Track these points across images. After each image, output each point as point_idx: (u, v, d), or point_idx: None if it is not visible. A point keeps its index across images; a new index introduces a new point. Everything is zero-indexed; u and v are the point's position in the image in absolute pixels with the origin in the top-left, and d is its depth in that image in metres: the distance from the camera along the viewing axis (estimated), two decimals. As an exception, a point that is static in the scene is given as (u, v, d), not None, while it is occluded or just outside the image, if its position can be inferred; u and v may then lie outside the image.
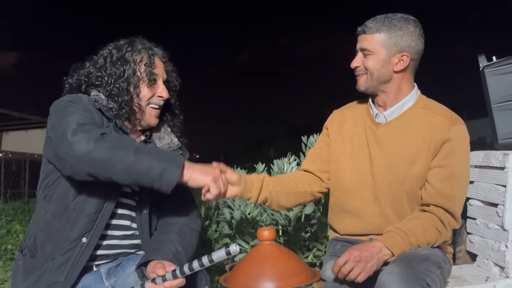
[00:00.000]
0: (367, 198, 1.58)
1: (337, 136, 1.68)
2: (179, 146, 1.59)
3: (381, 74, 1.52)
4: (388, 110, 1.57)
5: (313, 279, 1.58)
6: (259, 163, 2.74)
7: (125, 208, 1.47)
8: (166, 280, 1.21)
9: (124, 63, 1.46)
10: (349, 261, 1.33)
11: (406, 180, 1.51)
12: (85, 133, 1.25)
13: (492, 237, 1.89)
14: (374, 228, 1.57)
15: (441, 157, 1.48)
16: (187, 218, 1.54)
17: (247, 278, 1.59)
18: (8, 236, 3.91)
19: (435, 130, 1.49)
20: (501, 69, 1.92)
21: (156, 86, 1.50)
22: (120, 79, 1.44)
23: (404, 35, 1.49)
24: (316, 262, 2.22)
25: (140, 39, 1.52)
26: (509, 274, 1.79)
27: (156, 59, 1.51)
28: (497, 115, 1.92)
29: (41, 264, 1.33)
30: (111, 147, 1.22)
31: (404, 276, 1.26)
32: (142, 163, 1.21)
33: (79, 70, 1.51)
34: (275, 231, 1.75)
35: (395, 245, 1.38)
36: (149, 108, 1.49)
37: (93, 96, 1.44)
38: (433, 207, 1.48)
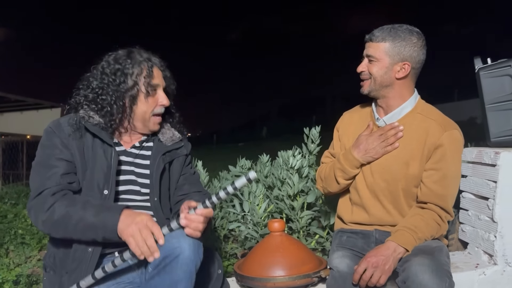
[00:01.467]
0: (367, 194, 1.73)
1: (344, 136, 1.82)
2: (181, 139, 1.70)
3: (384, 80, 1.64)
4: (388, 114, 1.70)
5: (320, 267, 1.74)
6: (263, 154, 2.86)
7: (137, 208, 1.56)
8: (205, 207, 1.33)
9: (123, 75, 1.51)
10: (368, 268, 1.48)
11: (402, 179, 1.65)
12: (36, 208, 1.38)
13: (482, 228, 2.05)
14: (376, 220, 1.72)
15: (434, 161, 1.62)
16: (197, 189, 1.69)
17: (260, 266, 1.74)
18: (16, 221, 3.96)
19: (429, 135, 1.62)
20: (495, 71, 2.05)
21: (157, 95, 1.56)
22: (115, 92, 1.51)
23: (407, 46, 1.61)
24: (318, 248, 2.36)
25: (138, 50, 1.58)
26: (497, 261, 1.96)
27: (155, 70, 1.56)
28: (490, 115, 2.06)
29: (59, 278, 1.46)
30: (54, 224, 1.36)
31: (434, 268, 1.42)
32: (86, 227, 1.34)
33: (80, 87, 1.58)
34: (284, 222, 1.90)
35: (407, 242, 1.54)
36: (153, 117, 1.57)
37: (81, 113, 1.51)
38: (429, 204, 1.63)
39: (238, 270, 1.80)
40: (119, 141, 1.58)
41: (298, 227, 2.37)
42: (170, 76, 1.66)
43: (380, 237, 1.70)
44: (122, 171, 1.55)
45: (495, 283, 1.94)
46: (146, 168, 1.59)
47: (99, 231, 1.34)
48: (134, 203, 1.56)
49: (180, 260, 1.31)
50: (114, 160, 1.50)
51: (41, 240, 3.24)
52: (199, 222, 1.34)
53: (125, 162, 1.57)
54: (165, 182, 1.63)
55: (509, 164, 1.91)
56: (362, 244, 1.73)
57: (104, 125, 1.52)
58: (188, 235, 1.33)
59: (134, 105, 1.53)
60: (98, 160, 1.49)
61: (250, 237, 2.32)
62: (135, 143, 1.61)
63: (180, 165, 1.70)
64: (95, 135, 1.50)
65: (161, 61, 1.61)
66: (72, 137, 1.48)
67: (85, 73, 1.59)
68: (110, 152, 1.50)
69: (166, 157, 1.63)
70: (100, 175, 1.48)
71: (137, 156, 1.60)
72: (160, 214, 1.58)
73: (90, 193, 1.47)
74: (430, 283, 1.39)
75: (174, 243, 1.33)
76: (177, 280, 1.30)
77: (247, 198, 2.40)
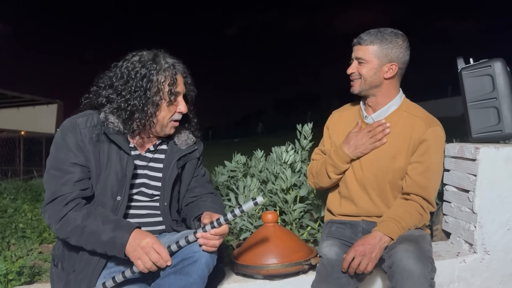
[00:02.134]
0: (357, 187, 1.84)
1: (334, 134, 1.94)
2: (195, 142, 1.73)
3: (373, 80, 1.76)
4: (375, 112, 1.82)
5: (310, 255, 1.85)
6: (258, 150, 2.96)
7: (146, 217, 1.63)
8: (213, 227, 1.42)
9: (148, 82, 1.50)
10: (356, 256, 1.59)
11: (389, 172, 1.77)
12: (50, 214, 1.45)
13: (463, 219, 2.17)
14: (364, 211, 1.84)
15: (418, 155, 1.74)
16: (208, 189, 1.76)
17: (254, 255, 1.85)
18: (16, 215, 4.02)
19: (414, 131, 1.74)
20: (476, 71, 2.17)
21: (176, 102, 1.57)
22: (141, 98, 1.50)
23: (394, 48, 1.73)
24: (310, 239, 2.47)
25: (163, 54, 1.57)
26: (476, 250, 2.08)
27: (178, 77, 1.56)
28: (472, 112, 2.18)
29: (66, 275, 1.51)
30: (66, 234, 1.43)
31: (418, 254, 1.53)
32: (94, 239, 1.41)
33: (101, 85, 1.58)
34: (277, 214, 2.00)
35: (392, 231, 1.65)
36: (170, 123, 1.59)
37: (102, 117, 1.53)
38: (412, 195, 1.75)
39: (234, 259, 1.90)
40: (135, 145, 1.61)
41: (291, 219, 2.47)
42: (191, 83, 1.67)
43: (367, 227, 1.82)
44: (135, 175, 1.58)
45: (475, 270, 2.06)
46: (159, 171, 1.63)
47: (108, 250, 1.40)
48: (144, 203, 1.61)
49: (198, 264, 1.40)
50: (130, 168, 1.53)
51: (41, 233, 3.31)
52: (214, 241, 1.42)
53: (139, 166, 1.60)
54: (176, 186, 1.68)
55: (487, 159, 2.03)
56: (350, 233, 1.84)
57: (123, 131, 1.53)
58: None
59: (157, 112, 1.53)
60: (113, 167, 1.51)
61: (245, 229, 2.42)
62: (150, 146, 1.63)
63: (193, 168, 1.74)
64: (112, 141, 1.52)
65: (184, 68, 1.63)
66: (89, 141, 1.50)
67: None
68: (126, 160, 1.53)
69: (180, 162, 1.66)
70: (114, 182, 1.51)
71: (151, 160, 1.63)
72: (168, 218, 1.63)
73: (103, 199, 1.51)
74: (414, 267, 1.50)
75: (194, 248, 1.42)
76: (192, 282, 1.38)
77: (242, 192, 2.50)
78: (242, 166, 2.99)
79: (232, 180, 2.98)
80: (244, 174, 2.98)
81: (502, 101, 2.11)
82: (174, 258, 1.43)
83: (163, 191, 1.62)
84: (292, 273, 1.81)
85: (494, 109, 2.13)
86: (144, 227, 1.60)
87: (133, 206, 1.60)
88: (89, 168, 1.51)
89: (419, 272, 1.49)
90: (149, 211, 1.63)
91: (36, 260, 2.79)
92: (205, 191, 1.73)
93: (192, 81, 1.68)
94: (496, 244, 2.08)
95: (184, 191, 1.73)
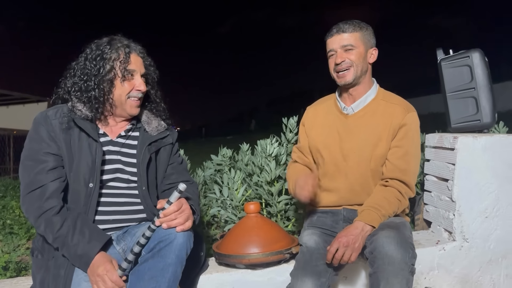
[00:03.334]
0: (340, 177, 1.86)
1: (312, 129, 1.95)
2: (166, 128, 1.77)
3: (363, 66, 1.80)
4: (355, 102, 1.84)
5: (292, 245, 1.88)
6: (243, 143, 2.98)
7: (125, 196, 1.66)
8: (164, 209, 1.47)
9: (102, 60, 1.58)
10: (340, 248, 1.61)
11: (372, 160, 1.80)
12: (29, 205, 1.50)
13: (443, 207, 2.21)
14: (344, 200, 1.87)
15: (398, 139, 1.78)
16: (184, 177, 1.79)
17: (236, 245, 1.87)
18: (4, 212, 4.03)
19: (394, 118, 1.78)
20: (455, 62, 2.21)
21: (134, 80, 1.61)
22: (96, 76, 1.57)
23: (371, 34, 1.81)
24: (295, 230, 2.49)
25: (119, 37, 1.64)
26: (455, 238, 2.12)
27: (132, 55, 1.61)
28: (451, 103, 2.22)
29: (45, 262, 1.55)
30: (45, 227, 1.48)
31: (399, 240, 1.56)
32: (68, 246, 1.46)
33: (67, 75, 1.64)
34: (260, 205, 2.03)
35: (373, 219, 1.68)
36: (129, 101, 1.62)
37: (69, 106, 1.58)
38: (392, 180, 1.77)
39: (216, 249, 1.92)
40: (105, 132, 1.65)
41: (276, 211, 2.50)
42: (151, 64, 1.72)
43: (348, 214, 1.85)
44: (108, 161, 1.61)
45: (454, 257, 2.10)
46: (133, 157, 1.66)
47: (74, 262, 1.47)
48: (121, 190, 1.63)
49: (174, 245, 1.44)
50: (99, 155, 1.57)
51: (29, 229, 3.32)
52: (178, 219, 1.47)
53: (111, 152, 1.63)
54: (152, 171, 1.70)
55: (465, 148, 2.07)
56: (331, 222, 1.87)
57: (90, 116, 1.58)
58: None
59: (112, 89, 1.59)
60: (83, 154, 1.56)
61: (230, 220, 2.45)
62: (121, 132, 1.67)
63: (168, 155, 1.77)
64: (81, 128, 1.57)
65: (142, 49, 1.67)
66: (59, 130, 1.55)
67: (72, 62, 1.64)
68: (95, 147, 1.57)
69: (151, 147, 1.69)
70: (85, 169, 1.55)
71: (124, 145, 1.66)
72: (148, 202, 1.66)
73: (77, 187, 1.55)
74: (395, 253, 1.53)
75: (169, 230, 1.46)
76: (169, 263, 1.42)
77: (227, 184, 2.53)
78: (228, 160, 3.01)
79: (219, 174, 3.00)
80: (230, 168, 3.00)
81: (480, 91, 2.14)
82: (151, 241, 1.47)
83: (139, 176, 1.65)
84: (273, 262, 1.84)
85: (472, 99, 2.17)
86: (124, 215, 1.64)
87: (111, 194, 1.62)
88: (62, 157, 1.55)
89: (400, 257, 1.52)
90: (128, 199, 1.65)
91: (23, 256, 2.80)
92: (181, 179, 1.75)
93: (153, 63, 1.73)
94: (475, 231, 2.11)
95: (161, 177, 1.75)
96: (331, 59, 1.82)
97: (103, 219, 1.61)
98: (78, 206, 1.56)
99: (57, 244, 1.48)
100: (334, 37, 1.80)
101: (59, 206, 1.49)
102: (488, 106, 2.14)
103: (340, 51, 1.79)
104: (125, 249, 1.61)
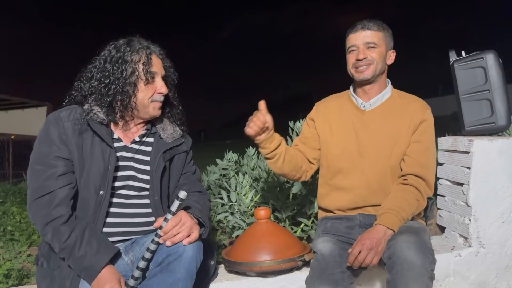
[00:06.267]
0: (356, 174, 1.81)
1: (325, 125, 1.90)
2: (181, 135, 1.71)
3: (383, 65, 1.79)
4: (372, 99, 1.82)
5: (304, 252, 1.83)
6: (250, 147, 2.93)
7: (137, 207, 1.60)
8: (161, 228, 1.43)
9: (123, 63, 1.52)
10: (363, 250, 1.56)
11: (391, 156, 1.76)
12: (35, 212, 1.44)
13: (458, 212, 2.15)
14: (361, 199, 1.81)
15: (418, 134, 1.76)
16: (196, 187, 1.74)
17: (247, 252, 1.81)
18: (5, 218, 3.97)
19: (413, 114, 1.77)
20: (468, 64, 2.16)
21: (155, 83, 1.57)
22: (119, 80, 1.52)
23: (391, 36, 1.80)
24: (304, 236, 2.44)
25: (138, 39, 1.59)
26: (471, 243, 2.06)
27: (153, 57, 1.57)
28: (464, 105, 2.17)
29: (51, 272, 1.49)
30: (51, 236, 1.43)
31: (418, 245, 1.52)
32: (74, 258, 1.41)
33: (83, 78, 1.58)
34: (270, 210, 1.97)
35: (394, 223, 1.62)
36: (152, 103, 1.57)
37: (86, 108, 1.52)
38: (411, 177, 1.73)
39: (226, 257, 1.86)
40: (119, 137, 1.59)
41: (284, 217, 2.44)
42: (171, 66, 1.67)
43: (364, 220, 1.79)
44: (121, 167, 1.55)
45: (470, 263, 2.04)
46: (147, 164, 1.60)
47: (80, 274, 1.41)
48: (131, 200, 1.58)
49: (183, 259, 1.38)
50: (112, 161, 1.51)
51: (30, 236, 3.25)
52: (181, 233, 1.42)
53: (124, 158, 1.57)
54: (165, 180, 1.65)
55: (481, 151, 2.02)
56: (346, 228, 1.81)
57: (106, 121, 1.52)
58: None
59: (136, 92, 1.54)
60: (95, 160, 1.49)
61: (238, 226, 2.39)
62: (136, 137, 1.61)
63: (182, 163, 1.72)
64: (95, 132, 1.51)
65: (161, 50, 1.63)
66: (72, 133, 1.48)
67: (85, 67, 1.59)
68: (108, 153, 1.51)
69: (166, 155, 1.64)
70: (97, 176, 1.49)
71: (137, 151, 1.61)
72: (160, 212, 1.60)
73: (86, 194, 1.49)
74: (414, 258, 1.48)
75: (178, 243, 1.41)
76: (179, 278, 1.36)
77: (234, 189, 2.47)
78: (234, 164, 2.96)
79: (224, 178, 2.95)
80: (236, 172, 2.95)
81: (494, 93, 2.10)
82: (159, 255, 1.42)
83: (152, 185, 1.59)
84: (285, 269, 1.78)
85: (487, 101, 2.12)
86: (132, 227, 1.58)
87: (120, 204, 1.56)
88: (72, 162, 1.49)
89: (419, 263, 1.47)
90: (138, 209, 1.59)
91: (25, 263, 2.74)
92: (193, 189, 1.70)
93: (172, 65, 1.68)
94: (491, 237, 2.06)
95: (173, 187, 1.70)
96: (352, 54, 1.78)
97: (111, 231, 1.55)
98: (87, 215, 1.50)
99: (63, 254, 1.42)
100: (358, 33, 1.77)
101: (68, 215, 1.44)
102: (503, 108, 2.09)
103: (362, 47, 1.76)
104: (133, 260, 1.55)
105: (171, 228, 1.41)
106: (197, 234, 1.45)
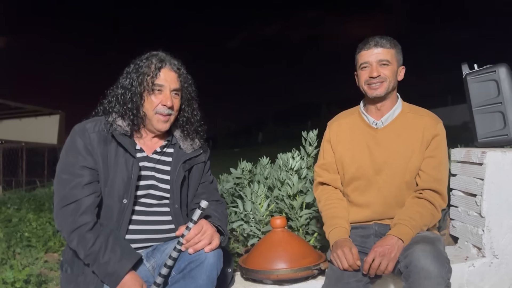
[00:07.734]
0: (372, 191, 1.83)
1: (338, 145, 1.92)
2: (200, 146, 1.76)
3: (394, 82, 1.82)
4: (384, 116, 1.84)
5: (319, 260, 1.86)
6: (263, 157, 2.97)
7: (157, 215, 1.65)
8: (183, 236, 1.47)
9: (136, 73, 1.60)
10: (376, 257, 1.59)
11: (406, 172, 1.78)
12: (62, 219, 1.49)
13: (471, 223, 2.17)
14: (377, 215, 1.84)
15: (431, 149, 1.77)
16: (214, 196, 1.78)
17: (264, 260, 1.85)
18: (21, 224, 4.03)
19: (425, 129, 1.78)
20: (481, 77, 2.20)
21: (161, 95, 1.61)
22: (129, 90, 1.60)
23: (401, 53, 1.82)
24: (317, 245, 2.47)
25: (159, 52, 1.65)
26: (485, 254, 2.08)
27: (163, 70, 1.61)
28: (477, 117, 2.20)
29: (75, 277, 1.54)
30: (77, 243, 1.47)
31: (435, 254, 1.53)
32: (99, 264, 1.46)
33: (112, 88, 1.67)
34: (286, 219, 2.01)
35: (406, 233, 1.66)
36: (156, 115, 1.61)
37: (110, 120, 1.59)
38: (426, 192, 1.75)
39: (243, 264, 1.90)
40: (142, 147, 1.65)
41: (297, 226, 2.47)
42: (187, 81, 1.69)
43: (380, 229, 1.82)
44: (143, 176, 1.61)
45: (484, 274, 2.06)
46: (167, 174, 1.66)
47: (104, 279, 1.46)
48: (152, 208, 1.63)
49: (205, 266, 1.43)
50: (135, 171, 1.56)
51: (46, 242, 3.32)
52: (203, 241, 1.47)
53: (146, 168, 1.62)
54: (184, 189, 1.70)
55: (494, 163, 2.05)
56: (361, 237, 1.84)
57: (129, 132, 1.59)
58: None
59: (142, 102, 1.60)
60: (119, 169, 1.55)
61: (252, 235, 2.43)
62: (157, 148, 1.67)
63: (200, 173, 1.76)
64: (119, 143, 1.57)
65: (179, 64, 1.66)
66: (97, 144, 1.54)
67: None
68: (132, 163, 1.57)
69: (186, 165, 1.69)
70: (120, 185, 1.55)
71: (158, 161, 1.66)
72: (179, 220, 1.65)
73: (110, 202, 1.55)
74: (431, 267, 1.49)
75: (199, 250, 1.45)
76: (201, 284, 1.41)
77: (250, 198, 2.51)
78: (248, 173, 3.00)
79: (238, 187, 2.99)
80: (250, 181, 2.99)
81: (507, 105, 2.13)
82: (181, 262, 1.46)
83: (172, 193, 1.64)
84: (301, 278, 1.81)
85: (499, 113, 2.15)
86: (153, 234, 1.63)
87: (142, 212, 1.61)
88: (97, 171, 1.54)
89: (436, 272, 1.48)
90: (158, 217, 1.64)
91: (42, 269, 2.80)
92: (211, 198, 1.73)
93: (189, 79, 1.71)
94: (505, 247, 2.08)
95: (192, 196, 1.74)
96: (365, 71, 1.80)
97: (133, 238, 1.60)
98: (111, 222, 1.55)
99: (88, 261, 1.47)
100: (371, 50, 1.79)
101: (93, 222, 1.49)
102: (516, 121, 2.12)
103: (375, 65, 1.78)
104: (154, 266, 1.60)
105: (193, 236, 1.46)
106: (218, 242, 1.49)
